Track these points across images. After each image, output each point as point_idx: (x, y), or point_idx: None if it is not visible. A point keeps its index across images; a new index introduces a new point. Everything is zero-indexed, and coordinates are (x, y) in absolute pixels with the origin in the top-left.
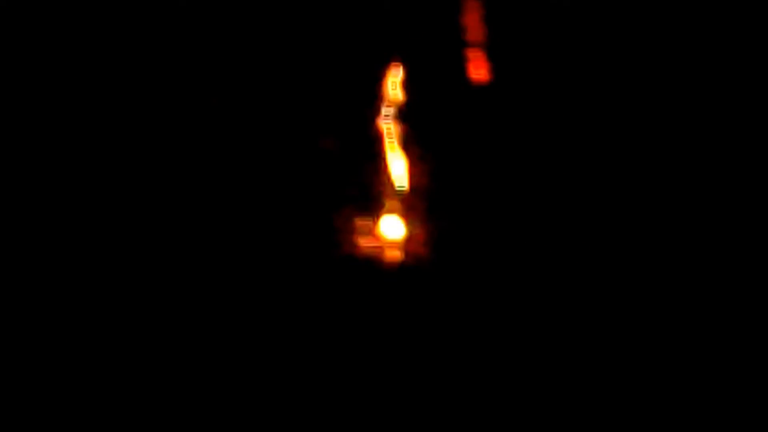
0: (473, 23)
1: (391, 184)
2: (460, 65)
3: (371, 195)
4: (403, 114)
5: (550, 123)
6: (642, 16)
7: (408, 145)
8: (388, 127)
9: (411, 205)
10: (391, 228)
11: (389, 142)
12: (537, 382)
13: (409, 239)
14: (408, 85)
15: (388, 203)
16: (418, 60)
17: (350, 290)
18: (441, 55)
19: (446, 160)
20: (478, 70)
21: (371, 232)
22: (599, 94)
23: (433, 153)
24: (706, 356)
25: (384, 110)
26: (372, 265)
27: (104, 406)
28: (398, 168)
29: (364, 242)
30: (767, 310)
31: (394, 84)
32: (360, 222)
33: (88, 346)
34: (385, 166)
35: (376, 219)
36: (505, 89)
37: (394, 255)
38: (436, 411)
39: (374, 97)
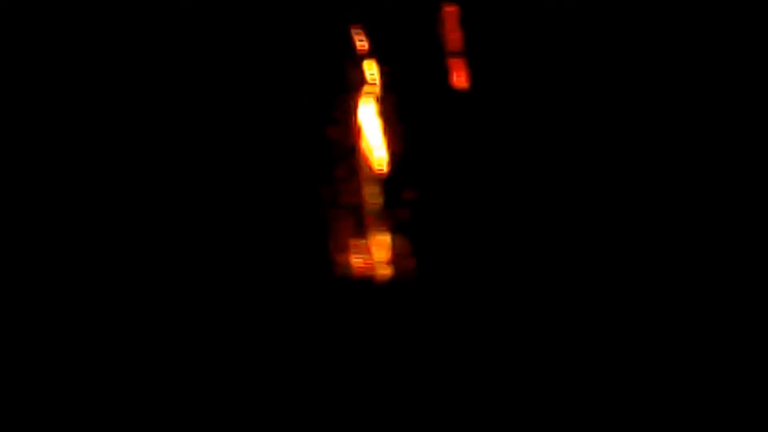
0: (452, 31)
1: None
2: (441, 73)
3: (357, 212)
4: (385, 124)
5: (531, 129)
6: (622, 22)
7: (391, 158)
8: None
9: (397, 219)
10: (380, 245)
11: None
12: (531, 396)
13: (397, 256)
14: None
15: (374, 218)
16: (398, 68)
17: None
18: (421, 62)
19: (430, 169)
20: (459, 77)
21: (360, 250)
22: (580, 99)
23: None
24: (706, 356)
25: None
26: (363, 284)
27: (99, 405)
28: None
29: (353, 260)
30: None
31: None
32: (346, 239)
33: (84, 345)
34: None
35: (364, 236)
36: (485, 96)
37: (385, 273)
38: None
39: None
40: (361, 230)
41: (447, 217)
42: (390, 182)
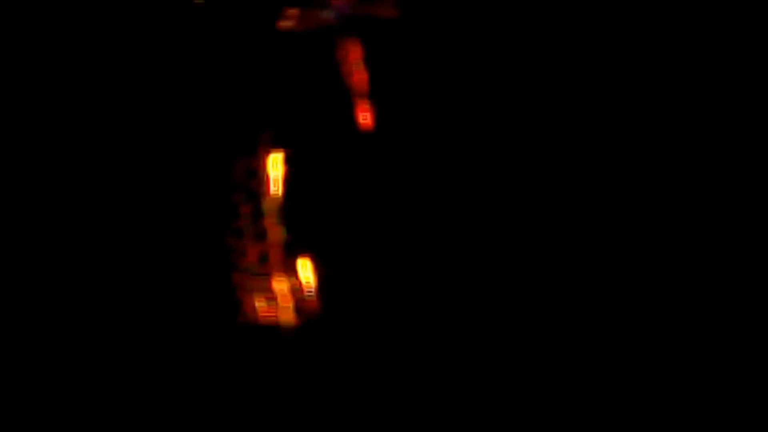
0: (356, 69)
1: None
2: (345, 112)
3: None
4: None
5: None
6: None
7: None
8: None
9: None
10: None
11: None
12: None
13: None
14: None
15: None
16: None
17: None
18: (324, 102)
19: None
20: (364, 116)
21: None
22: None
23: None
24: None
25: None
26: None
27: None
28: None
29: (252, 302)
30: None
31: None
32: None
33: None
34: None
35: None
36: (391, 136)
37: (289, 317)
38: None
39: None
40: (264, 269)
41: (351, 256)
42: (294, 221)
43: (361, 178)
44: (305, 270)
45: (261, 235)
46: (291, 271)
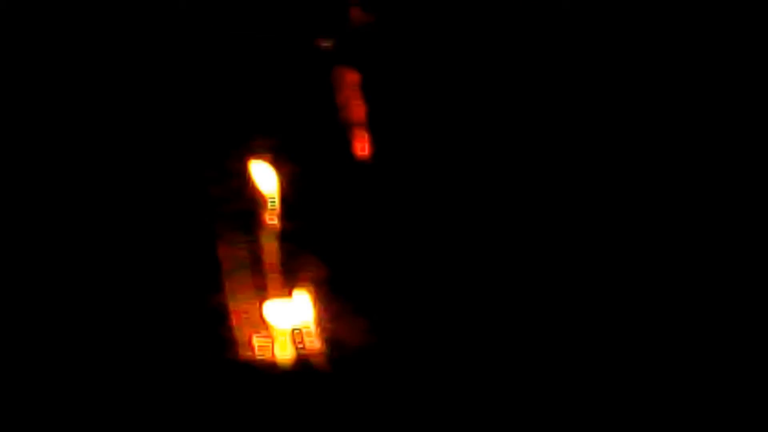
0: (353, 99)
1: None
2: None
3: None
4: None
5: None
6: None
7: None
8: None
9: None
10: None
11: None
12: None
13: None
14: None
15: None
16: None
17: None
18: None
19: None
20: (361, 146)
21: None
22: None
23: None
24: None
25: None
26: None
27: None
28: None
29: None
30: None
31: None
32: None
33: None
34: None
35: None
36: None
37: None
38: None
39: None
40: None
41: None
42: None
43: (359, 210)
44: (303, 304)
45: (258, 269)
46: (288, 305)
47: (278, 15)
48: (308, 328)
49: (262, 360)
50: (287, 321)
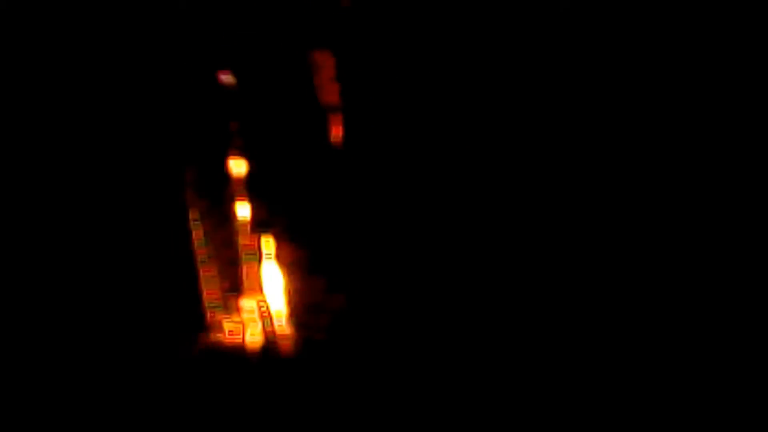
0: (327, 82)
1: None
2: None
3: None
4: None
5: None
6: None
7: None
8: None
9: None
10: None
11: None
12: None
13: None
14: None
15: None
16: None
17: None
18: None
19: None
20: (335, 130)
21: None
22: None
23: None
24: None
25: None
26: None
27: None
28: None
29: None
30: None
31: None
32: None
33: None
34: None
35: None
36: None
37: (256, 335)
38: None
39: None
40: (234, 287)
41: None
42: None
43: (334, 194)
44: (275, 289)
45: (231, 254)
46: (260, 290)
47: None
48: (280, 313)
49: (232, 343)
50: (259, 306)
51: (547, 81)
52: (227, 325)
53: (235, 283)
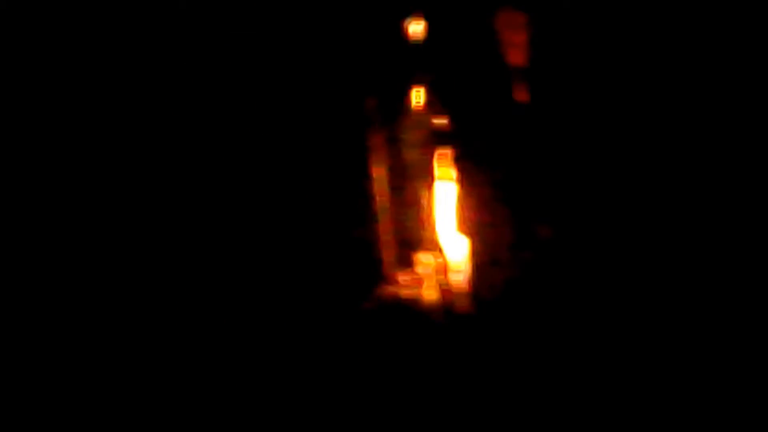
0: (518, 43)
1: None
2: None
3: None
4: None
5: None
6: None
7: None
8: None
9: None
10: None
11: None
12: None
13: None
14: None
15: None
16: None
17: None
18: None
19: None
20: (521, 90)
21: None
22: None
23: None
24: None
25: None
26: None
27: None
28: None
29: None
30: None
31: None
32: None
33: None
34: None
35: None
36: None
37: (433, 290)
38: None
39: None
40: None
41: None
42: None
43: (518, 155)
44: (459, 250)
45: (414, 211)
46: (441, 248)
47: None
48: (459, 269)
49: (408, 298)
50: (439, 261)
51: None
52: (403, 279)
53: (413, 236)
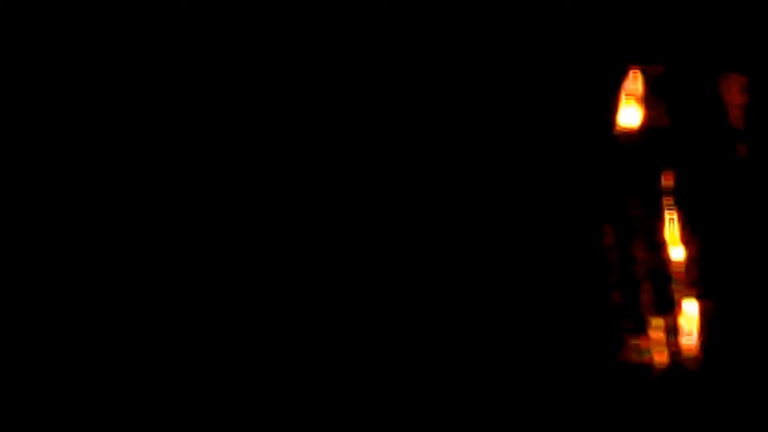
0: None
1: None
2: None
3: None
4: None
5: None
6: None
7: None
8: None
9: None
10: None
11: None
12: None
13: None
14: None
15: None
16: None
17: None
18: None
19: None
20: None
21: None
22: None
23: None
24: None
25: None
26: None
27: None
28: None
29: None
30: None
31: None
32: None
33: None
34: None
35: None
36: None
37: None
38: None
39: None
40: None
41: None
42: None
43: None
44: (689, 312)
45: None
46: (671, 311)
47: None
48: (690, 336)
49: (637, 363)
50: (669, 327)
51: None
52: (633, 345)
53: (645, 300)
